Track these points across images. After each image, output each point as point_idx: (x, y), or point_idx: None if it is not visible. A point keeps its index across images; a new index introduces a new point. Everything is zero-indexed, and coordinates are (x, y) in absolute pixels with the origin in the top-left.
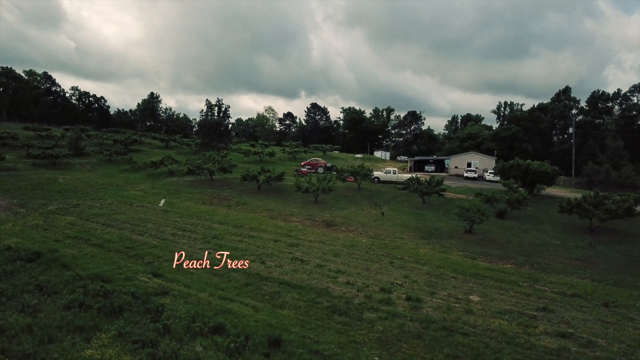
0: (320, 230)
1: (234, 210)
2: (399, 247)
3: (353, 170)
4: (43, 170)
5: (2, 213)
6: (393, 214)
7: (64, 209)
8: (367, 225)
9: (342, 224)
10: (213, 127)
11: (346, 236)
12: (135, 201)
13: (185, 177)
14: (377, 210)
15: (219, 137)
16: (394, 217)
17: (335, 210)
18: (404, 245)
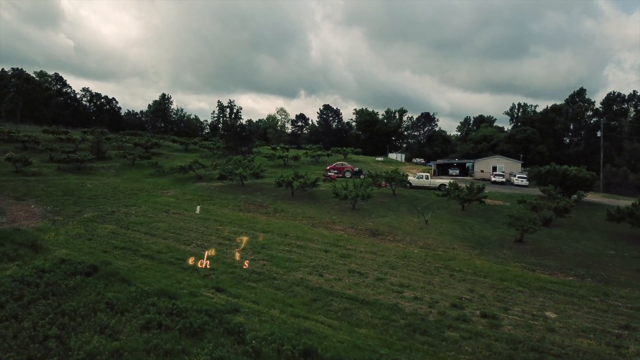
0: (367, 240)
1: (273, 218)
2: (454, 258)
3: (388, 176)
4: (69, 175)
5: (40, 221)
6: (435, 222)
7: (101, 216)
8: (413, 234)
9: (388, 233)
10: (237, 131)
11: (396, 246)
12: (169, 208)
13: (214, 182)
14: (419, 218)
15: (242, 140)
16: (437, 225)
17: (376, 218)
18: (457, 256)
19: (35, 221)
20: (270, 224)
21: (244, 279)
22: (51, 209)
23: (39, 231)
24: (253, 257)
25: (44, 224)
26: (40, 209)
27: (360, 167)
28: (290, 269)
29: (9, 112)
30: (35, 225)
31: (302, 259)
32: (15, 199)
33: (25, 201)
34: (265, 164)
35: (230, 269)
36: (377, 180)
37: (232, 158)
